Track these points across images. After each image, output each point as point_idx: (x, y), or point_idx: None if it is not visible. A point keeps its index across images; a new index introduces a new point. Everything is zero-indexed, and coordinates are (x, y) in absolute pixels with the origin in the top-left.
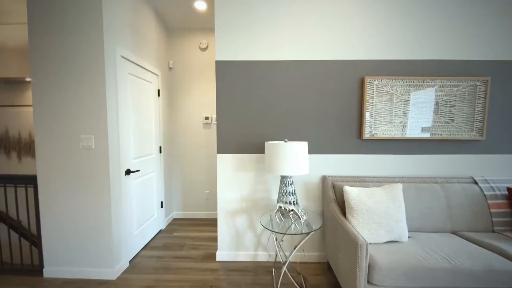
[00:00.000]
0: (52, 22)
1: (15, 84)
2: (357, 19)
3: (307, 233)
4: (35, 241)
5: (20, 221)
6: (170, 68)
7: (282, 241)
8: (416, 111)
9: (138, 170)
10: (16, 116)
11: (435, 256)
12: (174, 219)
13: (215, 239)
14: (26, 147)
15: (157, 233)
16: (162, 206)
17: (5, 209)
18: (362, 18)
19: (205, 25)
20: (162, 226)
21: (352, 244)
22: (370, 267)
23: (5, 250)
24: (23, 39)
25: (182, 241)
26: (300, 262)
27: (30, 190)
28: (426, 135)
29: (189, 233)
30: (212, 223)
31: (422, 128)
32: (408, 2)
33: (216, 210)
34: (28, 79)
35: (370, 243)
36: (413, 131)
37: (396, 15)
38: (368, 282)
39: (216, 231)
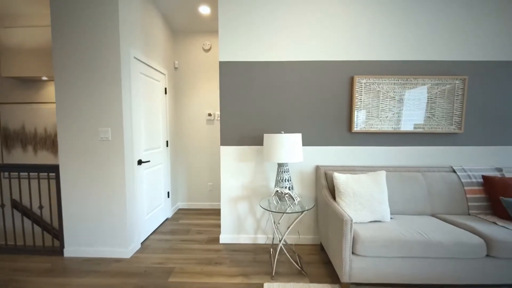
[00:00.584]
0: (74, 27)
1: (32, 82)
2: (347, 25)
3: (301, 212)
4: (56, 233)
5: (42, 207)
6: (175, 68)
7: (279, 223)
8: (400, 107)
9: (149, 161)
10: (32, 113)
11: (411, 232)
12: (179, 209)
13: (218, 226)
14: (41, 141)
15: (164, 221)
16: (168, 196)
17: (28, 196)
18: (352, 24)
19: (208, 27)
20: (169, 215)
21: (339, 221)
22: (354, 240)
23: (28, 237)
24: (39, 41)
25: (187, 227)
26: (296, 244)
27: (44, 181)
28: (410, 128)
29: (193, 221)
30: (215, 212)
31: (406, 122)
32: (393, 11)
33: (218, 201)
34: (44, 78)
35: (355, 222)
36: (398, 125)
37: (383, 22)
38: (353, 253)
39: (219, 219)
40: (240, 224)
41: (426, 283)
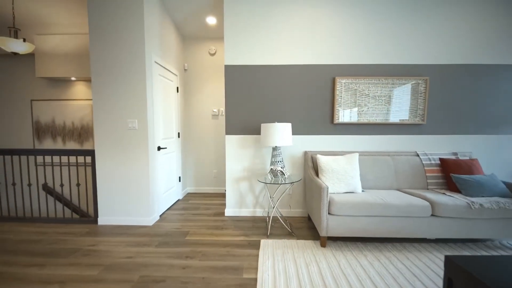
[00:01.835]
0: (108, 36)
1: (61, 82)
2: (331, 35)
3: (291, 183)
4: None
5: (79, 184)
6: (185, 70)
7: (273, 197)
8: (374, 102)
9: (166, 148)
10: (61, 108)
11: (375, 198)
12: (188, 193)
13: (223, 205)
14: (69, 133)
15: (176, 202)
16: (180, 181)
17: (68, 177)
18: (335, 35)
19: (214, 34)
20: (180, 196)
21: (319, 189)
22: (330, 204)
23: (67, 214)
24: (70, 46)
25: (196, 205)
26: (288, 216)
27: (72, 167)
28: (382, 120)
29: (201, 201)
30: (219, 195)
31: (379, 115)
32: (369, 24)
33: (222, 185)
34: (73, 78)
35: (333, 192)
36: (372, 117)
37: (360, 33)
38: (329, 213)
39: (223, 200)
40: (242, 200)
41: (386, 236)
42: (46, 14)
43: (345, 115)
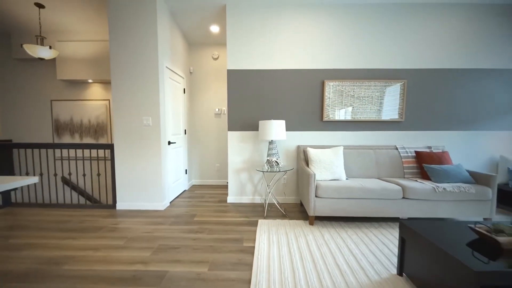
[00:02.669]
0: (126, 43)
1: (79, 84)
2: (321, 44)
3: (284, 172)
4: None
5: (99, 174)
6: (191, 73)
7: (269, 185)
8: (359, 102)
9: (175, 142)
10: (78, 108)
11: (355, 184)
12: (193, 185)
13: (225, 194)
14: (86, 130)
15: (183, 192)
16: (186, 173)
17: (89, 168)
18: (324, 43)
19: (217, 41)
20: (186, 187)
21: (308, 176)
22: (317, 188)
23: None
24: (87, 52)
25: (202, 195)
26: (282, 203)
27: (87, 161)
28: (365, 118)
29: (206, 191)
30: (222, 187)
31: (363, 113)
32: (355, 34)
33: (224, 178)
34: (90, 80)
35: (319, 180)
36: (356, 116)
37: (346, 41)
38: (316, 196)
39: (226, 191)
40: (242, 189)
41: (364, 216)
42: (68, 22)
43: (333, 113)
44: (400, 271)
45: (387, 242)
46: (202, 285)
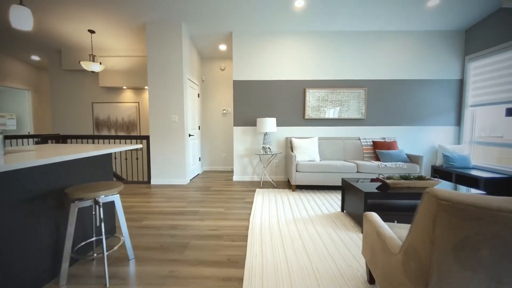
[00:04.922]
0: (159, 61)
1: (115, 90)
2: (303, 60)
3: (275, 154)
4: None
5: (137, 158)
6: (203, 81)
7: (265, 167)
8: (331, 105)
9: (193, 135)
10: (114, 109)
11: (325, 163)
12: (204, 171)
13: (231, 176)
14: (120, 126)
15: (197, 175)
16: (199, 160)
17: (130, 157)
18: (305, 60)
19: (224, 56)
20: (199, 171)
21: (291, 158)
22: (297, 165)
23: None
24: (124, 65)
25: (212, 176)
26: (274, 180)
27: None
28: (336, 116)
29: (215, 174)
30: (228, 172)
31: (335, 113)
32: (328, 52)
33: (230, 165)
34: (124, 87)
35: (299, 160)
36: (330, 115)
37: (324, 58)
38: (296, 171)
39: (231, 175)
40: (244, 170)
41: (330, 184)
42: (111, 42)
43: (312, 113)
44: (342, 209)
45: (340, 198)
46: (223, 215)
